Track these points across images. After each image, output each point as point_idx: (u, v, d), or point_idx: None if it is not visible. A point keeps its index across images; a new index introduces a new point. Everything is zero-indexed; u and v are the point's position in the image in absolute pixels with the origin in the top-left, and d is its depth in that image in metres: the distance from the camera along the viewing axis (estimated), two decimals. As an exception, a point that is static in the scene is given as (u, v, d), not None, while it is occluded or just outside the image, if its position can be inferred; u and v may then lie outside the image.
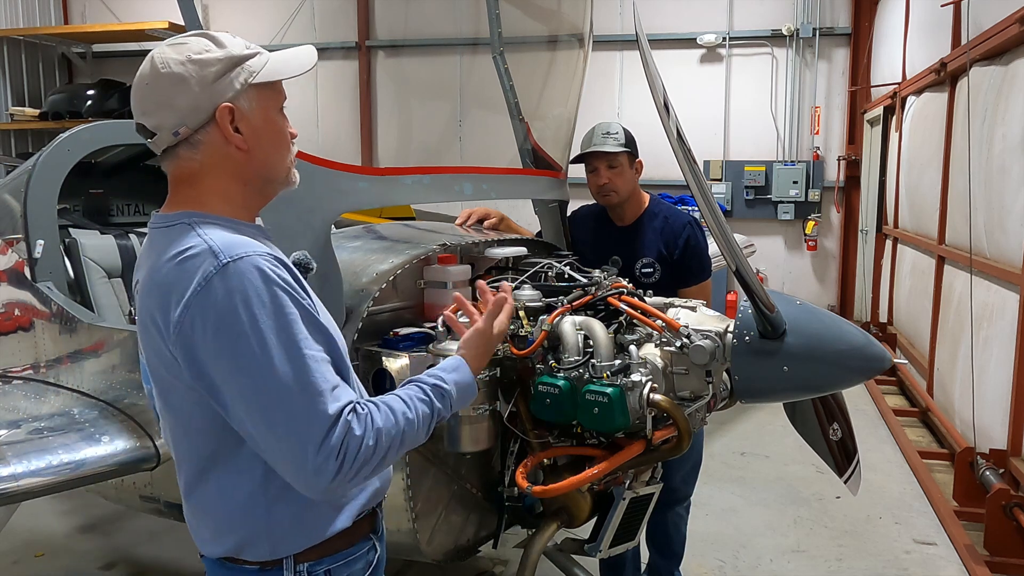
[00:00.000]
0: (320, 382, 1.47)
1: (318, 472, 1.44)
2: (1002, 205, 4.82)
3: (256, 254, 1.48)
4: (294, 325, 1.47)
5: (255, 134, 1.57)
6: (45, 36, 11.71)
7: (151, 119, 1.54)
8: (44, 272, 3.41)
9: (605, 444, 2.38)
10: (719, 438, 5.85)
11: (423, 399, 1.62)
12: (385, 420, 1.53)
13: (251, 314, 1.43)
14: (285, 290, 1.48)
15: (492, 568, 3.93)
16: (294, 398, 1.44)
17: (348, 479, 1.47)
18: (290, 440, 1.45)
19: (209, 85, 1.52)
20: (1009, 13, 4.60)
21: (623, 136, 3.21)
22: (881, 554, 4.25)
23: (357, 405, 1.51)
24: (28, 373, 3.50)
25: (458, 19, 10.71)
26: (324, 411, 1.45)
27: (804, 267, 10.40)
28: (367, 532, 1.75)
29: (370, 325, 2.49)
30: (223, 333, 1.43)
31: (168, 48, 1.54)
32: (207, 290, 1.44)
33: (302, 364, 1.46)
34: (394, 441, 1.53)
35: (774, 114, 10.11)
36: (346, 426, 1.46)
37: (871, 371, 2.32)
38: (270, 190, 1.67)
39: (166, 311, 1.47)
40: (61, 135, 3.60)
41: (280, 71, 1.60)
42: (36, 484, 2.57)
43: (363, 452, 1.47)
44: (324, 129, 11.49)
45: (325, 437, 1.44)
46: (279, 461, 1.49)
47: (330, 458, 1.44)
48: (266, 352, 1.43)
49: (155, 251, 1.55)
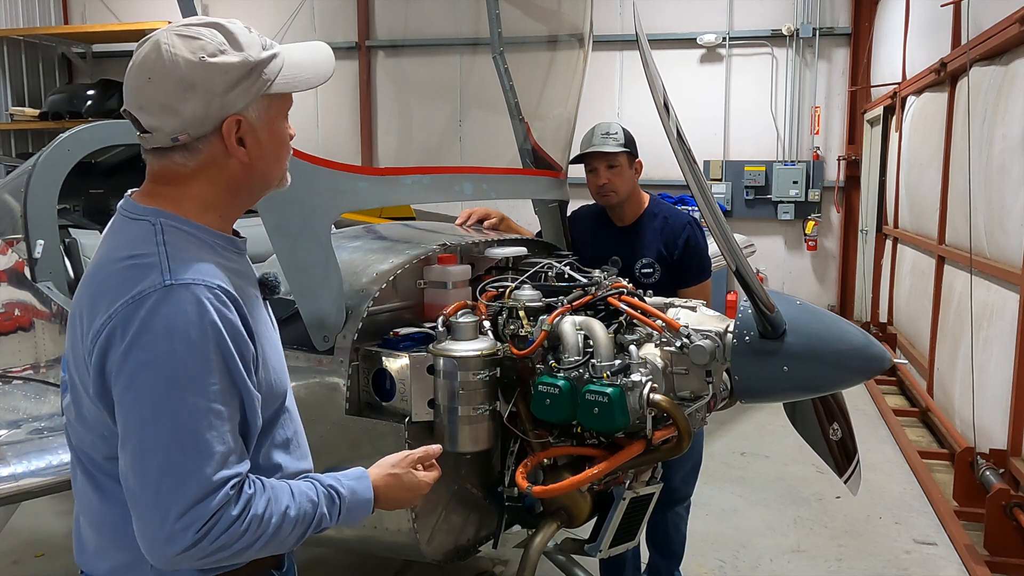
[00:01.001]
0: (215, 443, 1.33)
1: (170, 539, 1.30)
2: (1002, 205, 4.82)
3: (205, 284, 1.36)
4: (211, 374, 1.34)
5: (259, 147, 1.47)
6: (45, 36, 11.71)
7: (149, 118, 1.40)
8: (44, 272, 3.41)
9: (605, 444, 2.38)
10: (719, 438, 5.85)
11: (311, 500, 1.47)
12: (265, 508, 1.39)
13: (171, 347, 1.31)
14: (219, 333, 1.35)
15: (492, 568, 3.93)
16: (179, 450, 1.31)
17: (198, 557, 1.33)
18: (157, 492, 1.31)
19: (219, 96, 1.39)
20: (1009, 13, 4.60)
21: (622, 136, 3.22)
22: (881, 554, 4.25)
23: (245, 482, 1.38)
24: (28, 373, 3.50)
25: (458, 19, 10.70)
26: (206, 475, 1.32)
27: (804, 267, 10.39)
28: (268, 567, 1.56)
29: (370, 325, 2.49)
30: (135, 355, 1.32)
31: (177, 38, 1.38)
32: (137, 306, 1.33)
33: (203, 417, 1.33)
34: (265, 533, 1.39)
35: (774, 114, 10.11)
36: (224, 499, 1.33)
37: (871, 371, 2.32)
38: (258, 198, 1.58)
39: (93, 314, 1.37)
40: (61, 135, 3.60)
41: (296, 82, 1.48)
42: (36, 484, 2.56)
43: (228, 534, 1.33)
44: (324, 129, 11.49)
45: (196, 504, 1.31)
46: (134, 509, 1.35)
47: (191, 528, 1.30)
48: (171, 392, 1.31)
49: (112, 241, 1.46)
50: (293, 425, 1.63)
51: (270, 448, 1.55)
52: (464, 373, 2.33)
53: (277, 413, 1.56)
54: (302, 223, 2.36)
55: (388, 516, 2.47)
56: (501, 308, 2.53)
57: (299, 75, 1.49)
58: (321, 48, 1.56)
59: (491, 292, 2.62)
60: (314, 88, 1.50)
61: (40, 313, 3.43)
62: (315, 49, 1.55)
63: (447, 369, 2.35)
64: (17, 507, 3.53)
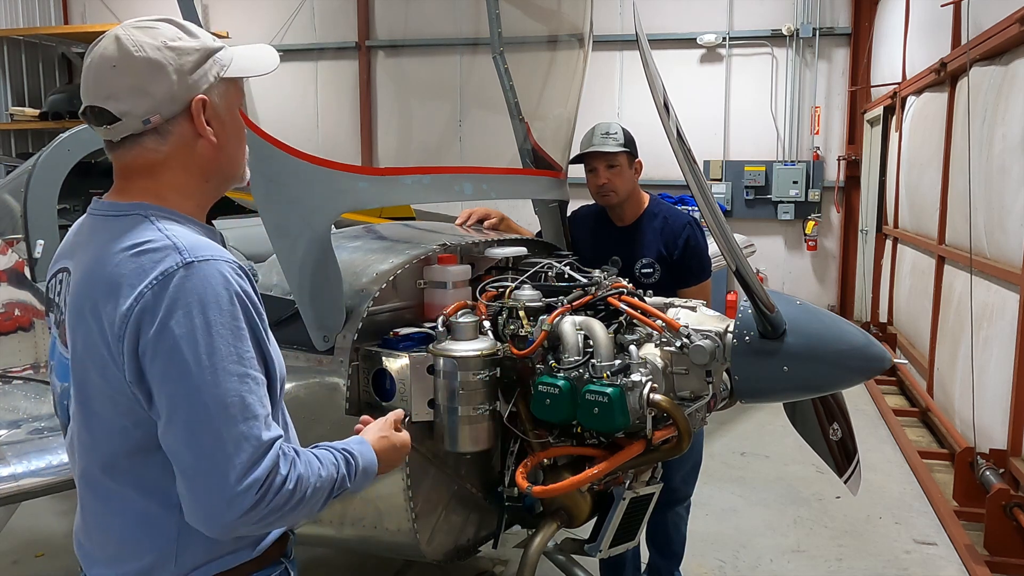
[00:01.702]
0: (258, 406, 1.38)
1: (232, 502, 1.32)
2: (1002, 205, 4.82)
3: (223, 259, 1.41)
4: (244, 341, 1.39)
5: (224, 129, 1.52)
6: (45, 36, 11.72)
7: (119, 104, 1.43)
8: (44, 272, 3.41)
9: (605, 444, 2.38)
10: (719, 438, 5.85)
11: (333, 463, 1.51)
12: (305, 468, 1.43)
13: (206, 319, 1.35)
14: (244, 303, 1.40)
15: (492, 568, 3.93)
16: (230, 416, 1.34)
17: (258, 520, 1.36)
18: (214, 459, 1.33)
19: (186, 75, 1.45)
20: (1009, 13, 4.60)
21: (622, 136, 3.22)
22: (881, 554, 4.25)
23: (283, 443, 1.42)
24: (28, 373, 3.50)
25: (458, 19, 10.70)
26: (258, 436, 1.35)
27: (804, 267, 10.39)
28: (277, 556, 1.61)
29: (370, 325, 2.49)
30: (171, 331, 1.34)
31: (136, 31, 1.45)
32: (163, 285, 1.35)
33: (244, 383, 1.36)
34: (306, 495, 1.42)
35: (774, 114, 10.11)
36: (275, 459, 1.37)
37: (871, 371, 2.32)
38: (224, 188, 1.61)
39: (115, 301, 1.37)
40: (61, 135, 3.61)
41: (247, 68, 1.55)
42: (36, 484, 2.57)
43: (282, 494, 1.37)
44: (324, 129, 11.50)
45: (252, 465, 1.34)
46: (192, 481, 1.35)
47: (251, 490, 1.33)
48: (213, 361, 1.34)
49: (100, 240, 1.45)
50: (283, 415, 1.65)
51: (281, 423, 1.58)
52: (464, 373, 2.33)
53: (278, 400, 1.58)
54: (302, 223, 2.36)
55: (388, 516, 2.47)
56: (501, 308, 2.53)
57: (250, 65, 1.56)
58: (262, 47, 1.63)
59: (491, 292, 2.62)
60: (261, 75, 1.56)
61: (40, 313, 3.44)
62: (257, 47, 1.63)
63: (447, 369, 2.35)
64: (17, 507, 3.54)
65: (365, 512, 2.51)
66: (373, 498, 2.47)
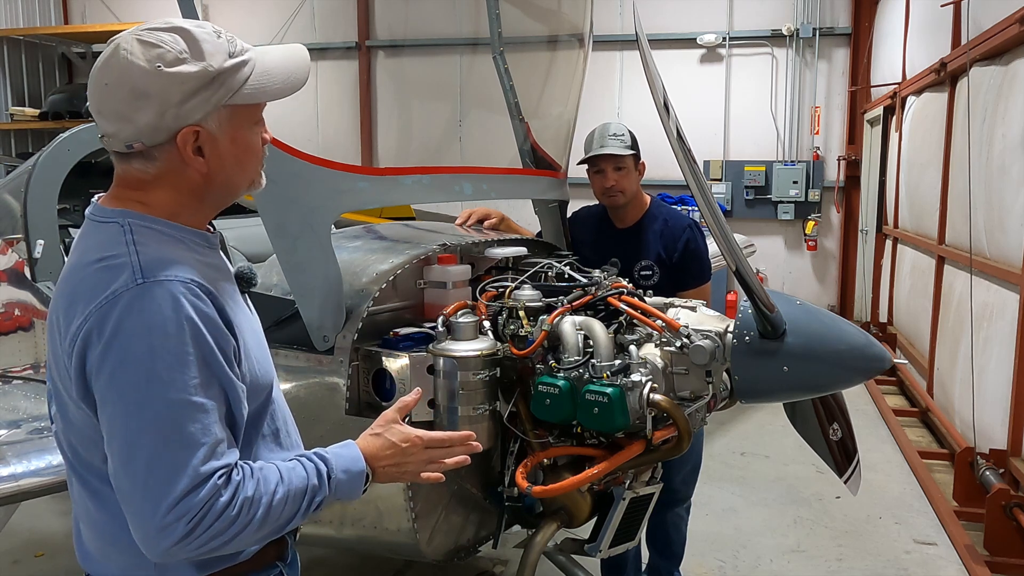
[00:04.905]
0: (199, 435, 1.33)
1: (163, 531, 1.31)
2: (1002, 205, 4.82)
3: (178, 280, 1.36)
4: (190, 368, 1.34)
5: (219, 157, 1.43)
6: (45, 36, 11.72)
7: (105, 124, 1.39)
8: (44, 272, 3.42)
9: (605, 444, 2.38)
10: (719, 438, 5.85)
11: (302, 475, 1.47)
12: (254, 490, 1.39)
13: (148, 344, 1.31)
14: (195, 327, 1.35)
15: (492, 568, 3.93)
16: (164, 444, 1.31)
17: (194, 548, 1.33)
18: (146, 487, 1.31)
19: (175, 107, 1.36)
20: (1009, 13, 4.60)
21: (628, 137, 3.23)
22: (881, 554, 4.25)
23: (234, 469, 1.38)
24: (28, 373, 3.50)
25: (458, 19, 10.71)
26: (193, 467, 1.32)
27: (804, 267, 10.40)
28: (272, 560, 1.58)
29: (370, 325, 2.49)
30: (114, 354, 1.32)
31: (137, 44, 1.37)
32: (111, 306, 1.33)
33: (185, 411, 1.33)
34: (255, 516, 1.38)
35: (774, 114, 10.11)
36: (213, 489, 1.33)
37: (871, 371, 2.32)
38: (229, 200, 1.54)
39: (69, 318, 1.36)
40: (61, 135, 3.61)
41: (263, 91, 1.45)
42: (36, 484, 2.56)
43: (221, 521, 1.34)
44: (324, 129, 11.49)
45: (185, 495, 1.31)
46: (127, 506, 1.35)
47: (182, 519, 1.31)
48: (151, 388, 1.31)
49: (80, 248, 1.45)
50: (282, 415, 1.64)
51: (261, 439, 1.56)
52: (464, 373, 2.33)
53: (264, 404, 1.56)
54: (302, 223, 2.36)
55: (388, 516, 2.47)
56: (501, 308, 2.53)
57: (268, 84, 1.46)
58: (297, 52, 1.53)
59: (491, 292, 2.62)
60: (284, 98, 1.48)
61: (40, 313, 3.44)
62: (290, 54, 1.52)
63: (447, 369, 2.35)
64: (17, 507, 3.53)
65: (365, 512, 2.51)
66: (373, 498, 2.46)
